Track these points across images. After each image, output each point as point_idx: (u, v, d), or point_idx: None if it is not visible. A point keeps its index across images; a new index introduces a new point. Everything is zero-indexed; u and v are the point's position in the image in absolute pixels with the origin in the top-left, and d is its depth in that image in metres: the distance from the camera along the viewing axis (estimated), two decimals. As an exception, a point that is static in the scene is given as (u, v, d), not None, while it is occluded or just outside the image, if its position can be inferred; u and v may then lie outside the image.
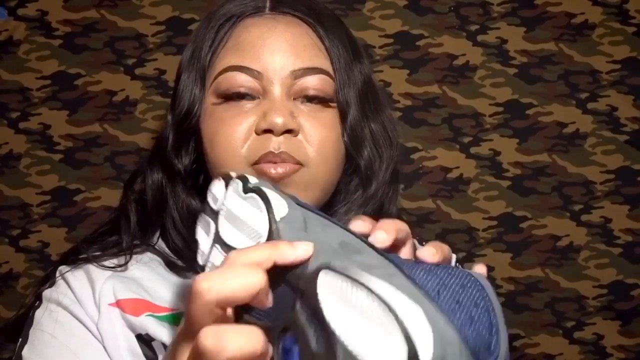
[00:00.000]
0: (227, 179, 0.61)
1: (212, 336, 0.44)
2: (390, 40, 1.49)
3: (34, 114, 1.48)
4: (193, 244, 0.79)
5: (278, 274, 0.49)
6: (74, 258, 0.83)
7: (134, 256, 0.82)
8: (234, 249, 0.55)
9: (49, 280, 0.83)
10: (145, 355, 0.74)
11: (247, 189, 0.58)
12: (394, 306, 0.41)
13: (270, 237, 0.53)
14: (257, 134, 0.76)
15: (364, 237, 0.54)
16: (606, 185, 1.50)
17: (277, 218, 0.54)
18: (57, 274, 0.82)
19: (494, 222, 1.49)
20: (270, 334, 0.49)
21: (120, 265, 0.80)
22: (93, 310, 0.77)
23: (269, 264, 0.48)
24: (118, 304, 0.76)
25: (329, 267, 0.45)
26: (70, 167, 1.48)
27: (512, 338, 1.48)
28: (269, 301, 0.49)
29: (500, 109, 1.50)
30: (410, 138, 1.48)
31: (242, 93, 0.77)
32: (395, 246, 0.59)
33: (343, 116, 0.79)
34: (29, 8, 1.48)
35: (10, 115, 1.48)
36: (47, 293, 0.81)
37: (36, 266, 1.47)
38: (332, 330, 0.43)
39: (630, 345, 1.49)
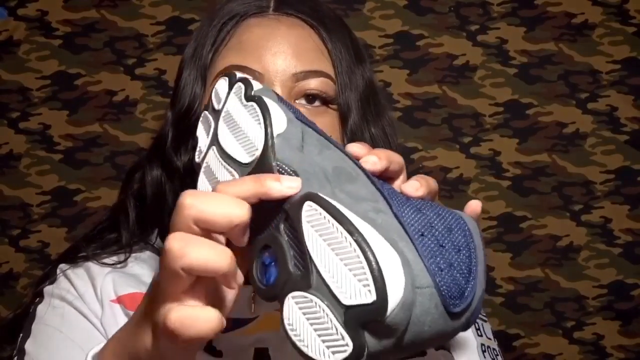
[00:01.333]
0: (232, 80, 0.60)
1: (179, 240, 0.45)
2: (390, 40, 1.49)
3: (34, 114, 1.48)
4: None
5: None
6: (73, 256, 0.83)
7: (133, 254, 0.82)
8: (229, 155, 0.55)
9: (48, 278, 0.83)
10: None
11: (248, 96, 0.56)
12: (368, 251, 0.41)
13: (265, 152, 0.52)
14: None
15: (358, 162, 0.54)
16: (606, 185, 1.50)
17: (275, 133, 0.52)
18: (58, 271, 0.82)
19: (494, 222, 1.49)
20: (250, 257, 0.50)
21: (119, 262, 0.80)
22: (96, 306, 0.77)
23: (254, 200, 0.49)
24: (119, 300, 0.76)
25: (314, 199, 0.45)
26: (70, 167, 1.48)
27: (512, 338, 1.48)
28: (244, 240, 0.49)
29: (500, 109, 1.50)
30: (410, 138, 1.48)
31: None
32: (389, 178, 0.59)
33: (343, 120, 0.79)
34: (29, 8, 1.48)
35: (10, 115, 1.48)
36: (48, 289, 0.81)
37: (36, 266, 1.47)
38: (311, 261, 0.44)
39: (630, 345, 1.49)
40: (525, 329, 1.49)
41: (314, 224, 0.45)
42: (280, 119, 0.54)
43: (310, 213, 0.46)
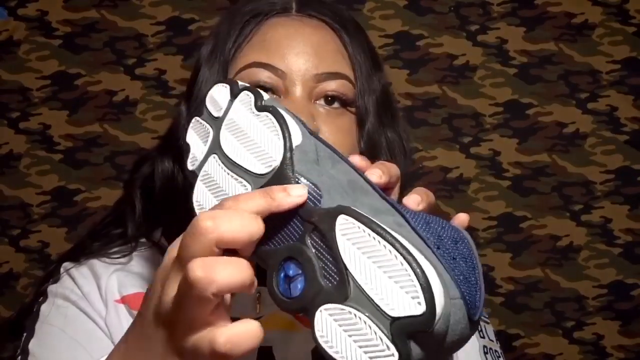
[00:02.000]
0: (234, 88, 0.59)
1: (203, 267, 0.45)
2: (390, 40, 1.49)
3: (34, 114, 1.48)
4: None
5: None
6: (78, 253, 0.83)
7: (137, 252, 0.82)
8: (238, 165, 0.55)
9: (52, 276, 0.83)
10: None
11: (260, 106, 0.56)
12: (414, 263, 0.42)
13: (284, 164, 0.52)
14: None
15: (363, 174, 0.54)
16: (606, 185, 1.50)
17: (293, 145, 0.52)
18: (62, 270, 0.81)
19: (494, 222, 1.49)
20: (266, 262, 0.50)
21: (124, 256, 0.80)
22: (100, 306, 0.76)
23: (266, 214, 0.49)
24: (123, 300, 0.76)
25: (348, 212, 0.45)
26: (70, 167, 1.48)
27: (512, 338, 1.48)
28: (251, 250, 0.50)
29: (500, 109, 1.50)
30: (411, 138, 1.48)
31: (265, 88, 0.77)
32: (387, 188, 0.59)
33: (361, 123, 0.79)
34: (29, 8, 1.48)
35: (10, 115, 1.48)
36: (52, 288, 0.81)
37: (36, 266, 1.47)
38: (348, 273, 0.44)
39: (630, 345, 1.49)
40: (525, 329, 1.49)
41: (350, 237, 0.45)
42: (296, 131, 0.54)
43: (346, 226, 0.46)
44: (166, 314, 0.49)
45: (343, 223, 0.46)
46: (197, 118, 0.62)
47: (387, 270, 0.43)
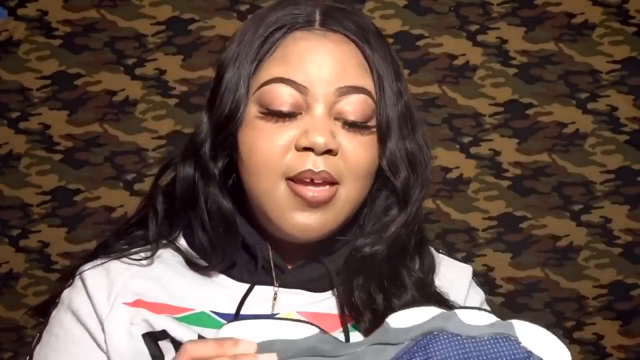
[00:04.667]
0: None
1: None
2: (390, 40, 1.49)
3: (34, 114, 1.48)
4: (219, 245, 0.80)
5: None
6: (99, 253, 0.84)
7: (158, 254, 0.83)
8: None
9: (72, 276, 0.84)
10: (152, 355, 0.75)
11: None
12: None
13: None
14: (297, 149, 0.76)
15: None
16: (606, 185, 1.50)
17: None
18: (78, 271, 0.83)
19: (494, 222, 1.49)
20: None
21: (145, 259, 0.81)
22: (103, 307, 0.77)
23: None
24: (137, 303, 0.77)
25: None
26: (70, 167, 1.48)
27: (512, 338, 1.48)
28: None
29: (500, 109, 1.50)
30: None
31: (285, 112, 0.77)
32: None
33: (382, 138, 0.79)
34: (29, 8, 1.48)
35: (10, 115, 1.48)
36: (65, 293, 0.82)
37: (36, 266, 1.47)
38: None
39: (630, 345, 1.49)
40: (525, 329, 1.49)
41: None
42: None
43: None
44: None
45: None
46: None
47: None
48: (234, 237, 0.79)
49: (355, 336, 0.77)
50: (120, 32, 1.48)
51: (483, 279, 1.47)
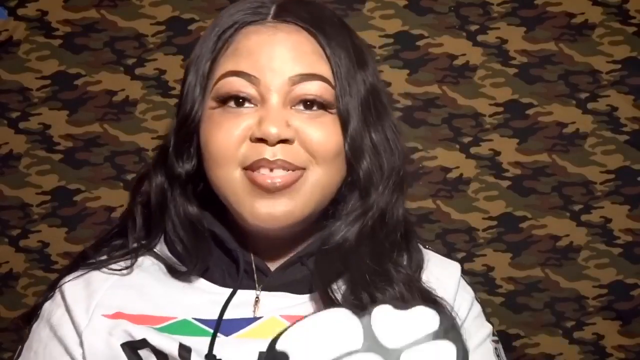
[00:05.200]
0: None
1: None
2: (390, 40, 1.49)
3: (34, 114, 1.48)
4: (192, 249, 0.79)
5: None
6: (79, 264, 0.84)
7: (138, 263, 0.83)
8: None
9: (54, 289, 0.84)
10: None
11: None
12: None
13: None
14: (251, 141, 0.76)
15: None
16: (606, 185, 1.50)
17: None
18: (59, 284, 0.83)
19: (494, 222, 1.50)
20: None
21: (125, 268, 0.81)
22: (81, 318, 0.77)
23: None
24: (117, 315, 0.77)
25: None
26: (70, 167, 1.48)
27: (512, 338, 1.48)
28: None
29: (500, 109, 1.50)
30: (410, 138, 1.48)
31: (240, 97, 0.77)
32: None
33: (344, 125, 0.79)
34: (29, 8, 1.48)
35: (10, 115, 1.48)
36: (46, 306, 0.83)
37: (36, 266, 1.47)
38: None
39: (630, 345, 1.49)
40: (525, 329, 1.49)
41: None
42: None
43: None
44: None
45: None
46: None
47: None
48: (204, 241, 0.80)
49: None
50: (120, 32, 1.48)
51: (483, 279, 1.48)
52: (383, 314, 0.57)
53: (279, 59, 0.77)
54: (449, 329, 0.58)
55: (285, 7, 0.81)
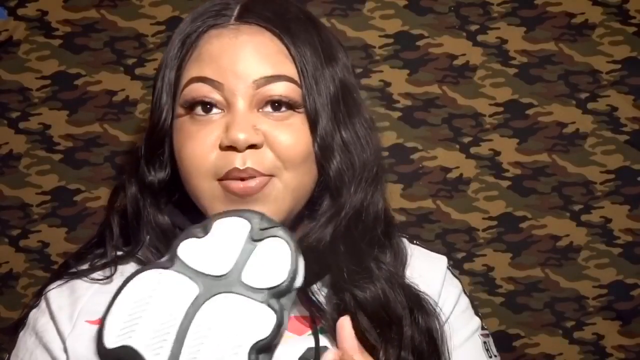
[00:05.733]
0: None
1: None
2: (390, 40, 1.49)
3: (34, 114, 1.48)
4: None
5: None
6: (62, 273, 0.84)
7: (119, 267, 0.83)
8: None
9: (39, 297, 0.85)
10: None
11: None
12: None
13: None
14: (221, 149, 0.76)
15: None
16: (606, 185, 1.50)
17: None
18: (44, 292, 0.83)
19: (494, 222, 1.49)
20: None
21: (106, 277, 0.81)
22: (66, 326, 0.78)
23: None
24: (99, 321, 0.78)
25: None
26: (70, 167, 1.48)
27: (512, 338, 1.48)
28: None
29: (500, 109, 1.50)
30: (410, 138, 1.48)
31: (205, 103, 0.77)
32: None
33: (312, 125, 0.78)
34: (29, 8, 1.48)
35: (10, 115, 1.48)
36: (31, 315, 0.84)
37: (36, 266, 1.47)
38: None
39: (630, 345, 1.49)
40: (525, 329, 1.49)
41: None
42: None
43: None
44: None
45: None
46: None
47: None
48: None
49: (325, 339, 0.76)
50: (120, 32, 1.48)
51: (483, 279, 1.47)
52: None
53: (242, 62, 0.77)
54: (263, 221, 0.62)
55: (249, 8, 0.80)
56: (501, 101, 1.50)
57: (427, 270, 0.84)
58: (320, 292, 0.78)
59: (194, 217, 0.80)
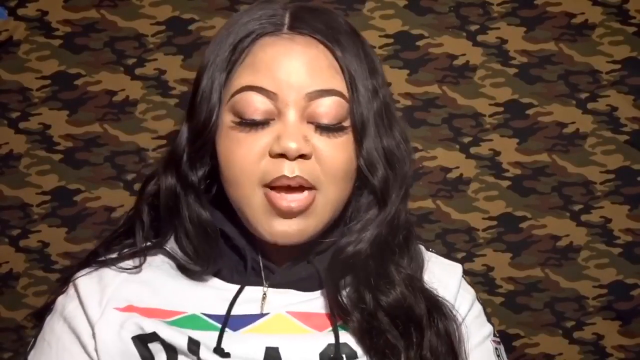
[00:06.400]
0: None
1: None
2: (390, 40, 1.49)
3: (34, 114, 1.48)
4: (202, 253, 0.80)
5: None
6: (91, 261, 0.85)
7: (147, 258, 0.84)
8: None
9: (67, 283, 0.85)
10: (142, 356, 0.76)
11: None
12: None
13: None
14: (270, 156, 0.77)
15: None
16: (606, 185, 1.50)
17: None
18: (72, 278, 0.84)
19: (494, 222, 1.50)
20: None
21: (135, 267, 0.82)
22: (95, 312, 0.78)
23: None
24: (129, 308, 0.78)
25: None
26: (70, 167, 1.48)
27: (512, 338, 1.48)
28: None
29: (500, 109, 1.50)
30: (410, 138, 1.48)
31: (258, 121, 0.77)
32: None
33: (358, 138, 0.79)
34: (29, 8, 1.48)
35: (10, 115, 1.48)
36: (59, 300, 0.84)
37: (36, 266, 1.47)
38: None
39: (630, 345, 1.49)
40: (525, 329, 1.49)
41: None
42: None
43: None
44: None
45: None
46: None
47: None
48: (216, 245, 0.81)
49: (345, 336, 0.77)
50: (120, 32, 1.48)
51: (483, 279, 1.48)
52: None
53: (296, 74, 0.78)
54: None
55: (300, 17, 0.81)
56: (501, 101, 1.50)
57: (443, 276, 0.85)
58: (343, 288, 0.80)
59: (230, 214, 0.81)
